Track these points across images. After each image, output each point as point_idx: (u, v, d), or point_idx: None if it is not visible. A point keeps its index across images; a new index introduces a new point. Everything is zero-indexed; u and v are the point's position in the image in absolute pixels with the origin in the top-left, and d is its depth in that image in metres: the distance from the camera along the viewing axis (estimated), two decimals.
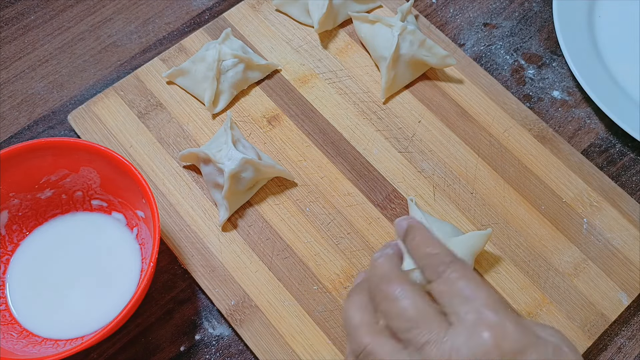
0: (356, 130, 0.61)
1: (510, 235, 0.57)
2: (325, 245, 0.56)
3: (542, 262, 0.56)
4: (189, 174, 0.59)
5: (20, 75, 0.65)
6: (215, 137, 0.58)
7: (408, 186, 0.59)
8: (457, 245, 0.52)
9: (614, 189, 0.59)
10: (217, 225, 0.57)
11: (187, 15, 0.69)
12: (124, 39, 0.67)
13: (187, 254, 0.55)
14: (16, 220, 0.54)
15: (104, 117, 0.61)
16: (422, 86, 0.64)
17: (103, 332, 0.45)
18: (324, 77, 0.64)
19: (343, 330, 0.53)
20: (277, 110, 0.62)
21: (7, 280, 0.53)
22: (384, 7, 0.68)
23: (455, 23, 0.70)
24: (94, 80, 0.65)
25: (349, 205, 0.58)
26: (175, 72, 0.62)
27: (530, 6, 0.71)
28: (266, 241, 0.56)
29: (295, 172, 0.59)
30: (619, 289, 0.55)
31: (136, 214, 0.54)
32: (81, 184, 0.55)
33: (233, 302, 0.54)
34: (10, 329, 0.50)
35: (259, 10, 0.67)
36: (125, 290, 0.52)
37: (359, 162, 0.60)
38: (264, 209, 0.58)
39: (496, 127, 0.62)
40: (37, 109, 0.63)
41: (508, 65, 0.67)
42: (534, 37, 0.69)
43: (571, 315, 0.54)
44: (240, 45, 0.63)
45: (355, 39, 0.66)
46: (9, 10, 0.69)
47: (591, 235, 0.57)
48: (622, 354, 0.54)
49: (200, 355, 0.53)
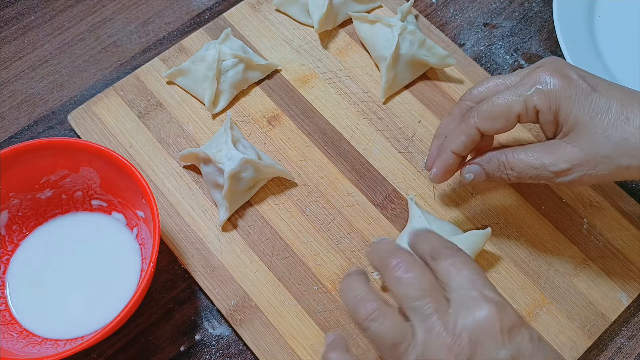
0: (356, 130, 0.61)
1: (510, 235, 0.57)
2: (325, 245, 0.56)
3: (542, 262, 0.56)
4: (189, 174, 0.59)
5: (20, 75, 0.65)
6: (215, 137, 0.58)
7: (408, 186, 0.59)
8: (456, 244, 0.52)
9: (614, 189, 0.59)
10: (217, 225, 0.57)
11: (187, 15, 0.69)
12: (124, 39, 0.67)
13: (187, 254, 0.55)
14: (16, 220, 0.54)
15: (104, 117, 0.61)
16: (422, 86, 0.64)
17: (103, 332, 0.45)
18: (324, 77, 0.64)
19: (343, 330, 0.53)
20: (277, 110, 0.62)
21: (7, 280, 0.53)
22: (384, 7, 0.68)
23: (455, 23, 0.70)
24: (94, 80, 0.65)
25: (349, 205, 0.58)
26: (175, 72, 0.62)
27: (530, 6, 0.71)
28: (266, 241, 0.56)
29: (295, 172, 0.59)
30: (619, 289, 0.55)
31: (136, 214, 0.54)
32: (81, 184, 0.55)
33: (233, 302, 0.54)
34: (10, 329, 0.50)
35: (259, 10, 0.67)
36: (125, 290, 0.52)
37: (359, 162, 0.60)
38: (264, 209, 0.58)
39: None
40: (37, 109, 0.63)
41: (508, 65, 0.67)
42: (534, 37, 0.69)
43: (571, 315, 0.54)
44: (240, 45, 0.63)
45: (355, 39, 0.66)
46: (9, 10, 0.69)
47: (591, 235, 0.57)
48: (622, 354, 0.54)
49: (200, 355, 0.53)
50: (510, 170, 0.48)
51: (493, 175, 0.50)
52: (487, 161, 0.50)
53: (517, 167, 0.48)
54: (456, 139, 0.50)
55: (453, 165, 0.52)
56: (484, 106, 0.49)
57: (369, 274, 0.44)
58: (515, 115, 0.48)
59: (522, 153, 0.48)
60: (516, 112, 0.48)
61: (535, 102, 0.47)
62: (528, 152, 0.48)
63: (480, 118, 0.49)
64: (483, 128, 0.49)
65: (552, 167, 0.46)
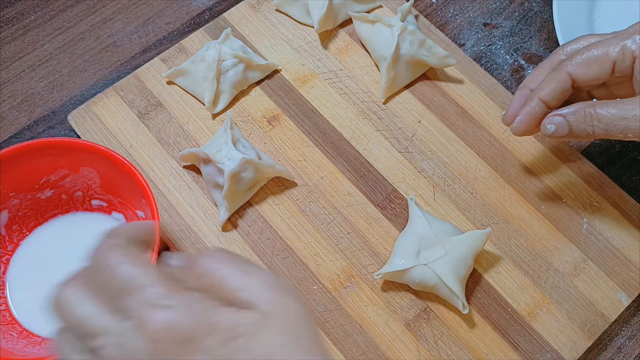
0: (356, 130, 0.61)
1: (510, 235, 0.57)
2: (325, 245, 0.56)
3: (542, 262, 0.56)
4: (189, 174, 0.59)
5: (20, 75, 0.65)
6: (215, 137, 0.58)
7: (408, 186, 0.59)
8: (456, 244, 0.52)
9: (614, 189, 0.59)
10: (217, 225, 0.57)
11: (187, 15, 0.69)
12: (124, 39, 0.67)
13: None
14: (16, 220, 0.54)
15: (104, 117, 0.61)
16: (422, 86, 0.64)
17: None
18: (324, 77, 0.64)
19: (343, 330, 0.53)
20: (277, 110, 0.62)
21: (7, 280, 0.53)
22: (384, 7, 0.68)
23: (455, 23, 0.70)
24: (94, 80, 0.65)
25: (349, 205, 0.58)
26: (175, 72, 0.62)
27: (530, 6, 0.71)
28: (266, 241, 0.56)
29: (295, 172, 0.59)
30: (619, 289, 0.55)
31: (136, 214, 0.54)
32: (81, 184, 0.55)
33: None
34: (10, 329, 0.50)
35: (259, 10, 0.67)
36: None
37: (359, 162, 0.60)
38: (264, 209, 0.58)
39: (496, 127, 0.62)
40: (37, 109, 0.63)
41: (508, 65, 0.67)
42: (534, 37, 0.69)
43: (571, 315, 0.54)
44: (240, 45, 0.63)
45: (355, 39, 0.66)
46: (9, 10, 0.69)
47: (591, 235, 0.57)
48: (622, 354, 0.54)
49: None
50: (597, 121, 0.47)
51: (577, 128, 0.48)
52: (573, 112, 0.48)
53: (605, 118, 0.46)
54: (546, 87, 0.49)
55: (540, 114, 0.50)
56: (578, 54, 0.48)
57: None
58: (611, 62, 0.47)
59: (611, 104, 0.47)
60: (612, 58, 0.47)
61: (632, 48, 0.47)
62: (617, 103, 0.47)
63: (574, 64, 0.48)
64: (576, 74, 0.48)
65: None
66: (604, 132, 0.47)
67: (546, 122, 0.50)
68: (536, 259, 0.56)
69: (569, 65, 0.49)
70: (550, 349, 0.53)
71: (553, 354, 0.52)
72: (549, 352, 0.52)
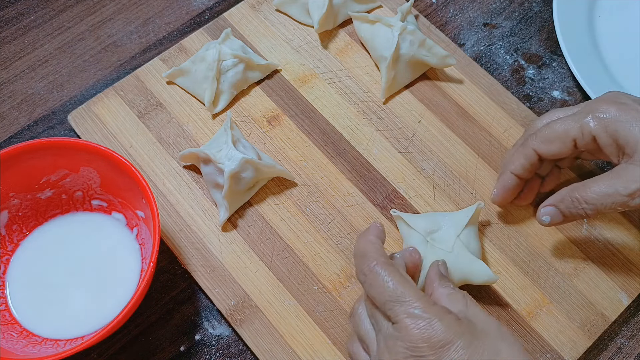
0: (356, 130, 0.61)
1: (510, 235, 0.57)
2: (325, 245, 0.56)
3: (542, 262, 0.56)
4: (189, 174, 0.59)
5: (20, 75, 0.65)
6: (215, 137, 0.58)
7: (408, 186, 0.59)
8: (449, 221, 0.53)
9: None
10: (217, 225, 0.57)
11: (187, 15, 0.69)
12: (124, 39, 0.67)
13: (187, 254, 0.55)
14: (16, 220, 0.54)
15: (104, 117, 0.61)
16: (422, 86, 0.64)
17: (103, 332, 0.45)
18: (324, 77, 0.64)
19: (343, 330, 0.53)
20: (277, 110, 0.62)
21: (7, 280, 0.53)
22: (384, 7, 0.68)
23: (455, 23, 0.70)
24: (94, 80, 0.65)
25: (349, 205, 0.58)
26: (175, 72, 0.62)
27: (530, 6, 0.71)
28: (266, 241, 0.56)
29: (295, 172, 0.59)
30: (619, 289, 0.55)
31: (136, 214, 0.54)
32: (81, 184, 0.55)
33: (233, 302, 0.54)
34: (10, 329, 0.50)
35: (259, 10, 0.67)
36: (125, 290, 0.52)
37: (359, 162, 0.60)
38: (264, 209, 0.58)
39: (496, 127, 0.62)
40: (37, 109, 0.63)
41: (508, 65, 0.67)
42: (534, 37, 0.69)
43: (571, 315, 0.54)
44: (240, 45, 0.63)
45: (355, 39, 0.66)
46: (9, 10, 0.69)
47: (591, 235, 0.57)
48: (622, 354, 0.54)
49: (200, 355, 0.53)
50: (584, 204, 0.49)
51: (569, 213, 0.50)
52: (560, 200, 0.51)
53: (590, 199, 0.48)
54: (516, 161, 0.53)
55: (512, 186, 0.54)
56: (542, 131, 0.51)
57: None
58: (571, 139, 0.50)
59: (592, 184, 0.49)
60: (572, 136, 0.50)
61: (590, 127, 0.49)
62: (598, 182, 0.48)
63: (537, 141, 0.51)
64: (540, 150, 0.51)
65: (624, 190, 0.47)
66: (595, 212, 0.49)
67: (540, 215, 0.52)
68: (536, 259, 0.56)
69: (534, 142, 0.52)
70: (550, 349, 0.53)
71: (553, 354, 0.52)
72: (549, 352, 0.52)
